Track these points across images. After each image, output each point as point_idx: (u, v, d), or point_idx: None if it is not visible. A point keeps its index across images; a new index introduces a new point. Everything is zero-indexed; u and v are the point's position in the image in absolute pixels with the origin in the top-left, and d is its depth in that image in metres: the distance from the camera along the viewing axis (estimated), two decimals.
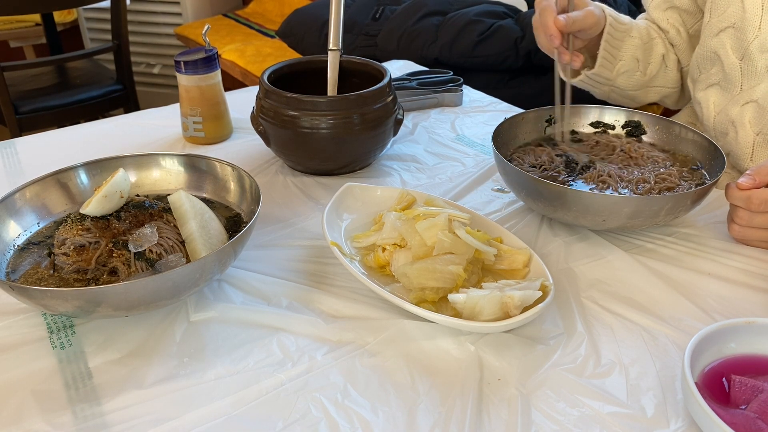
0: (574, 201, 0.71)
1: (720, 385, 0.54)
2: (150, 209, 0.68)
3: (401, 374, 0.58)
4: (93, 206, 0.66)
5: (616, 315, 0.66)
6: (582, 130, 0.92)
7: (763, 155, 0.90)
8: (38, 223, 0.73)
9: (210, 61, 0.99)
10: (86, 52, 2.12)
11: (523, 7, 2.08)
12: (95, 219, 0.66)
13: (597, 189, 0.78)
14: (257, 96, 0.93)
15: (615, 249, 0.76)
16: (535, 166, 0.83)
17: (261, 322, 0.64)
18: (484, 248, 0.67)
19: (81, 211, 0.66)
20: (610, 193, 0.77)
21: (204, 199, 0.75)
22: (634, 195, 0.76)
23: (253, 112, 0.95)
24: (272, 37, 2.57)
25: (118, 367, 0.59)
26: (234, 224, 0.73)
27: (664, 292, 0.69)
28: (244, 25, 2.74)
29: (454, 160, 0.98)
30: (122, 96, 2.21)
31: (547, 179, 0.76)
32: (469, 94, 1.23)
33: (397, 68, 1.36)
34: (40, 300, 0.58)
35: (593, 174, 0.80)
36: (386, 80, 0.91)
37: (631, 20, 1.02)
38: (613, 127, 0.91)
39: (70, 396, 0.56)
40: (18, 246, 0.70)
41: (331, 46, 0.94)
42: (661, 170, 0.80)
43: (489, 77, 1.88)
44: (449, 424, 0.53)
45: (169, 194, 0.69)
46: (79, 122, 2.03)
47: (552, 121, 0.91)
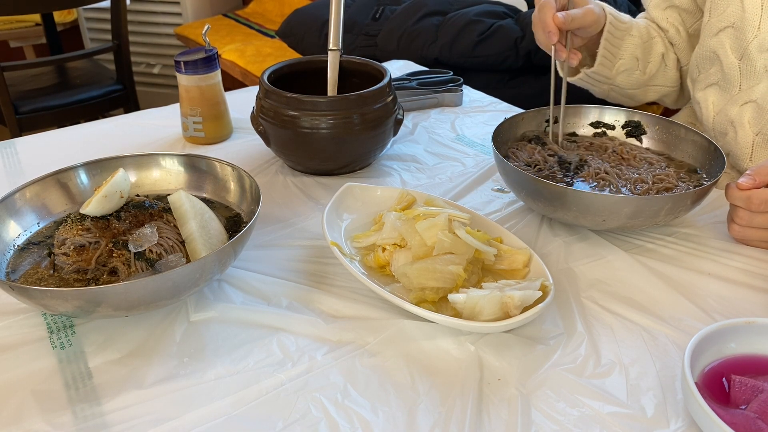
0: (574, 201, 0.71)
1: (720, 385, 0.54)
2: (150, 209, 0.68)
3: (401, 374, 0.58)
4: (93, 206, 0.66)
5: (616, 315, 0.66)
6: (582, 131, 0.92)
7: (762, 155, 0.90)
8: (38, 223, 0.73)
9: (210, 61, 0.99)
10: (86, 52, 2.12)
11: (523, 7, 2.08)
12: (95, 219, 0.66)
13: (597, 187, 0.78)
14: (257, 96, 0.93)
15: (615, 249, 0.76)
16: (529, 164, 0.83)
17: (261, 322, 0.64)
18: (484, 248, 0.67)
19: (81, 211, 0.66)
20: (610, 192, 0.77)
21: (204, 199, 0.75)
22: (634, 195, 0.76)
23: (253, 112, 0.95)
24: (272, 37, 2.57)
25: (118, 367, 0.59)
26: (234, 224, 0.73)
27: (664, 292, 0.69)
28: (244, 25, 2.74)
29: (454, 160, 0.98)
30: (122, 96, 2.21)
31: (546, 179, 0.76)
32: (469, 94, 1.23)
33: (397, 68, 1.36)
34: (40, 300, 0.58)
35: (590, 172, 0.80)
36: (386, 80, 0.91)
37: (631, 19, 1.02)
38: (612, 127, 0.91)
39: (70, 396, 0.56)
40: (18, 246, 0.70)
41: (331, 46, 0.94)
42: (657, 171, 0.80)
43: (489, 77, 1.89)
44: (449, 424, 0.53)
45: (169, 194, 0.69)
46: (79, 122, 2.03)
47: (552, 121, 0.91)
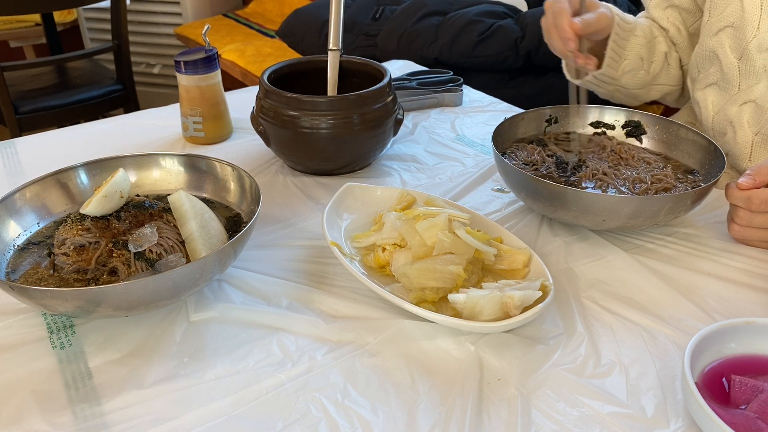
0: (574, 201, 0.71)
1: (720, 385, 0.54)
2: (150, 209, 0.68)
3: (401, 374, 0.58)
4: (93, 206, 0.66)
5: (616, 315, 0.66)
6: (582, 131, 0.92)
7: (761, 155, 0.90)
8: (38, 223, 0.73)
9: (210, 61, 0.99)
10: (86, 52, 2.12)
11: (523, 7, 2.08)
12: (95, 219, 0.66)
13: (596, 187, 0.78)
14: (257, 96, 0.93)
15: (615, 249, 0.76)
16: (527, 164, 0.83)
17: (261, 322, 0.64)
18: (484, 248, 0.67)
19: (81, 211, 0.66)
20: (610, 192, 0.77)
21: (204, 199, 0.75)
22: (634, 195, 0.76)
23: (253, 112, 0.95)
24: (272, 37, 2.58)
25: (118, 367, 0.59)
26: (234, 224, 0.73)
27: (664, 292, 0.69)
28: (244, 25, 2.74)
29: (454, 160, 0.98)
30: (122, 96, 2.21)
31: (545, 179, 0.76)
32: (469, 94, 1.23)
33: (397, 68, 1.36)
34: (40, 300, 0.58)
35: (588, 172, 0.80)
36: (386, 80, 0.91)
37: (635, 19, 1.02)
38: (613, 127, 0.91)
39: (70, 396, 0.56)
40: (18, 246, 0.70)
41: (331, 46, 0.94)
42: (655, 171, 0.80)
43: (489, 77, 1.88)
44: (449, 424, 0.53)
45: (169, 194, 0.69)
46: (79, 122, 2.03)
47: (552, 120, 0.91)
